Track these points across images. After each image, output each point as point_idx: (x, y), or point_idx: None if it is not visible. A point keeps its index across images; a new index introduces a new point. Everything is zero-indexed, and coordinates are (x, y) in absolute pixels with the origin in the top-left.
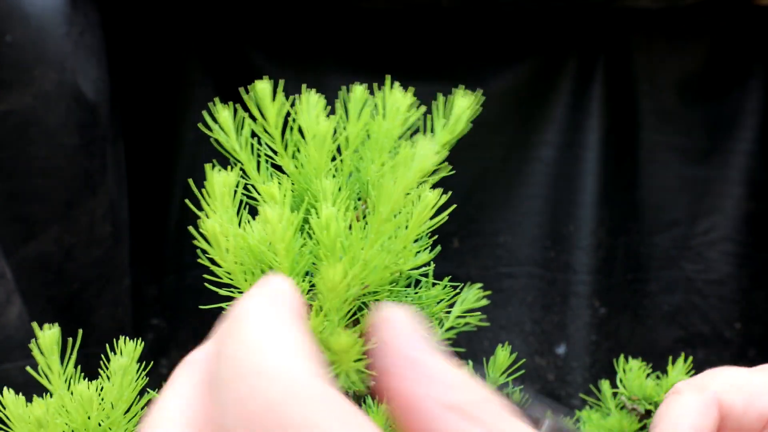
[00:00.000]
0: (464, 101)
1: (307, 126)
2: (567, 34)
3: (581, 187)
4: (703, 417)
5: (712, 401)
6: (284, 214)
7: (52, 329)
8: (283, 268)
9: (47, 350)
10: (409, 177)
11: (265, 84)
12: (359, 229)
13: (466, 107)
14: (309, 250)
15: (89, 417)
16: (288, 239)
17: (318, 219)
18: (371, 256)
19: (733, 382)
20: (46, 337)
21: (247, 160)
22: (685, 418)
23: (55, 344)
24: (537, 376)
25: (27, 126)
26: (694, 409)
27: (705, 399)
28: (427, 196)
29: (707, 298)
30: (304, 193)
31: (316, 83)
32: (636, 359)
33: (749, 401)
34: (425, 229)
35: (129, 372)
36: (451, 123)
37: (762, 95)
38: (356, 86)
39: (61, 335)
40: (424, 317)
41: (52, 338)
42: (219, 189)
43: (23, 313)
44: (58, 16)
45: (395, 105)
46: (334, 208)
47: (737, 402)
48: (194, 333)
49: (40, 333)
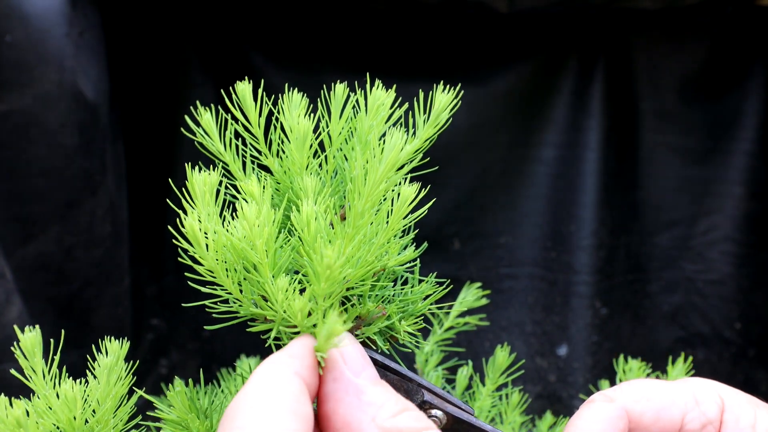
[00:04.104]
0: (444, 97)
1: (290, 125)
2: (567, 34)
3: (582, 187)
4: (611, 426)
5: (621, 411)
6: (262, 211)
7: (33, 331)
8: (263, 264)
9: (29, 352)
10: (382, 169)
11: (246, 85)
12: (342, 226)
13: (446, 102)
14: (292, 246)
15: (75, 416)
16: (266, 236)
17: (298, 215)
18: (351, 251)
19: (644, 394)
20: (28, 339)
21: (232, 160)
22: (594, 426)
23: (36, 346)
24: (538, 377)
25: (27, 126)
26: (603, 419)
27: (614, 409)
28: (405, 190)
29: (707, 298)
30: (288, 192)
31: (315, 83)
32: (636, 359)
33: (658, 412)
34: (407, 224)
35: (115, 371)
36: (433, 117)
37: (762, 95)
38: (337, 85)
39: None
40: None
41: (34, 340)
42: (200, 188)
43: (23, 313)
44: (58, 16)
45: (377, 102)
46: (315, 205)
47: (647, 413)
48: (194, 333)
49: (22, 336)
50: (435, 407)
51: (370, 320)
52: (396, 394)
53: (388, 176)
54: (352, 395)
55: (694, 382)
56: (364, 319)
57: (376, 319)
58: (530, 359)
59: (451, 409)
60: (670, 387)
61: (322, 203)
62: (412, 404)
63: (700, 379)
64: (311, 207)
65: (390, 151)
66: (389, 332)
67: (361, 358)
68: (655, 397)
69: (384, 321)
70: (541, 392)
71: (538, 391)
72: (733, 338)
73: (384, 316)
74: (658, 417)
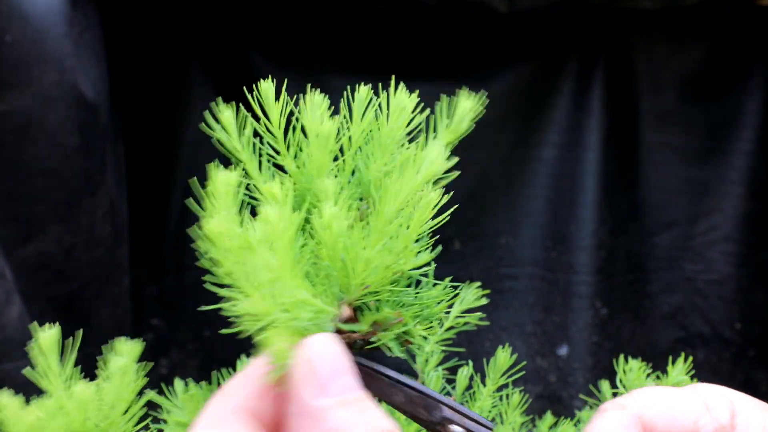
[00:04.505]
0: (468, 102)
1: (311, 126)
2: (567, 34)
3: (582, 187)
4: None
5: (634, 418)
6: (285, 214)
7: (51, 329)
8: (284, 267)
9: (47, 351)
10: (418, 179)
11: (269, 84)
12: (360, 229)
13: (469, 108)
14: (310, 249)
15: (87, 418)
16: (288, 239)
17: (320, 218)
18: (372, 256)
19: (656, 401)
20: (46, 338)
21: (249, 159)
22: None
23: (54, 345)
24: (539, 377)
25: (27, 126)
26: (617, 427)
27: (627, 416)
28: (429, 196)
29: (707, 298)
30: (306, 193)
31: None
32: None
33: (671, 418)
34: (426, 229)
35: (128, 373)
36: (455, 123)
37: (762, 95)
38: (361, 87)
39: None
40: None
41: (52, 339)
42: (222, 188)
43: (23, 313)
44: (58, 16)
45: (399, 106)
46: (337, 208)
47: (660, 419)
48: (194, 333)
49: (40, 333)
50: (455, 423)
51: (387, 326)
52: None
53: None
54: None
55: (704, 387)
56: (380, 325)
57: (393, 325)
58: (530, 359)
59: (471, 424)
60: (681, 393)
61: (344, 204)
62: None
63: (709, 384)
64: (334, 209)
65: (431, 163)
66: (404, 337)
67: (328, 367)
68: (666, 403)
69: (401, 327)
70: (542, 392)
71: (538, 391)
72: (733, 338)
73: (401, 322)
74: (671, 423)
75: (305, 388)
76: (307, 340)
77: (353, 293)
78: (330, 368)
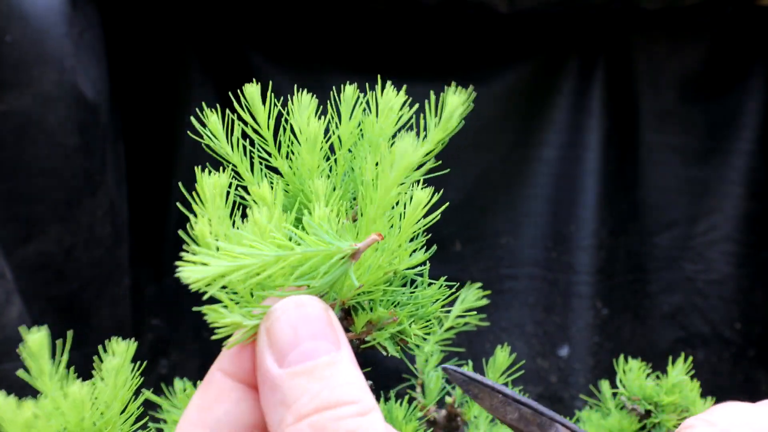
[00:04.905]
0: (456, 98)
1: (300, 127)
2: (567, 34)
3: (582, 187)
4: None
5: None
6: (274, 216)
7: (40, 331)
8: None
9: (36, 352)
10: (393, 175)
11: (255, 87)
12: (352, 229)
13: (457, 104)
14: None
15: (83, 418)
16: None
17: (311, 219)
18: (364, 256)
19: (741, 418)
20: (35, 340)
21: (240, 161)
22: None
23: (44, 346)
24: (539, 378)
25: (27, 126)
26: None
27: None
28: (418, 194)
29: (707, 298)
30: (299, 194)
31: (315, 84)
32: (636, 359)
33: None
34: (419, 228)
35: (122, 372)
36: (444, 120)
37: (762, 95)
38: (347, 86)
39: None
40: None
41: (41, 340)
42: (210, 191)
43: (23, 313)
44: (58, 16)
45: (388, 104)
46: (327, 208)
47: None
48: (194, 333)
49: (29, 336)
50: None
51: (381, 325)
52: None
53: (400, 182)
54: (267, 391)
55: None
56: (375, 325)
57: (387, 325)
58: (531, 360)
59: None
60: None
61: (334, 206)
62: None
63: None
64: (324, 210)
65: (402, 156)
66: (399, 336)
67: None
68: (752, 420)
69: (395, 326)
70: (543, 393)
71: (539, 391)
72: (733, 338)
73: (395, 321)
74: None
75: (265, 358)
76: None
77: (346, 293)
78: (289, 337)
